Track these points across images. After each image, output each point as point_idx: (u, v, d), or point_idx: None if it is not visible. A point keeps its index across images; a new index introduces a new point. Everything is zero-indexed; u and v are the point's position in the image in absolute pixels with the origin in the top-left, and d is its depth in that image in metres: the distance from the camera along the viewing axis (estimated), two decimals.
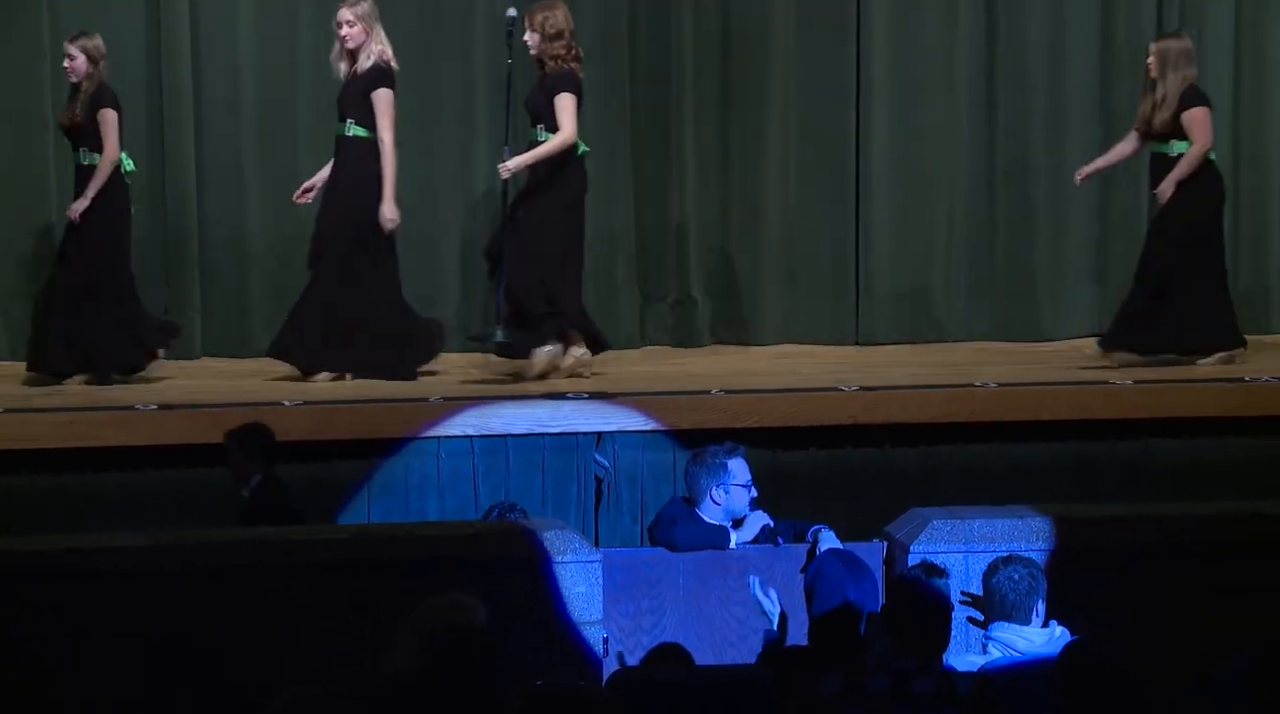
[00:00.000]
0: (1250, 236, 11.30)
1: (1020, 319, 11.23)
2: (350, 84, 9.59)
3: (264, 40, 10.75)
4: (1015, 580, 6.33)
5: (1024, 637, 6.29)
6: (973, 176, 11.15)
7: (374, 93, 9.51)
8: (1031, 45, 11.18)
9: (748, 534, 7.49)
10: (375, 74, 9.52)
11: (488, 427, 8.94)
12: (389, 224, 9.53)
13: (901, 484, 8.91)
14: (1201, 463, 9.30)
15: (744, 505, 7.51)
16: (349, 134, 9.57)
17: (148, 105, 10.49)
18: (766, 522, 7.51)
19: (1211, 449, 9.35)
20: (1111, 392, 9.54)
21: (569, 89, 9.45)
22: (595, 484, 8.97)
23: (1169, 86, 9.79)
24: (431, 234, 10.76)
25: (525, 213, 9.64)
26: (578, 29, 9.88)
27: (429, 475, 8.84)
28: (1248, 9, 11.32)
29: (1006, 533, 7.13)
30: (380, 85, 9.51)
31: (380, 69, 9.53)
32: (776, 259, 11.03)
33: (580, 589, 6.94)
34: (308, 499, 8.66)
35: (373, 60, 9.51)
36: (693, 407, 9.20)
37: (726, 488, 7.48)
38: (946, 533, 7.15)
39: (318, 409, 9.05)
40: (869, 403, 9.34)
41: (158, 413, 8.92)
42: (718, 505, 7.49)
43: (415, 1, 10.74)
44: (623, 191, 11.01)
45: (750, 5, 11.03)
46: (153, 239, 10.52)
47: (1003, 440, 9.30)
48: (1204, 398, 9.50)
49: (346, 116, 9.58)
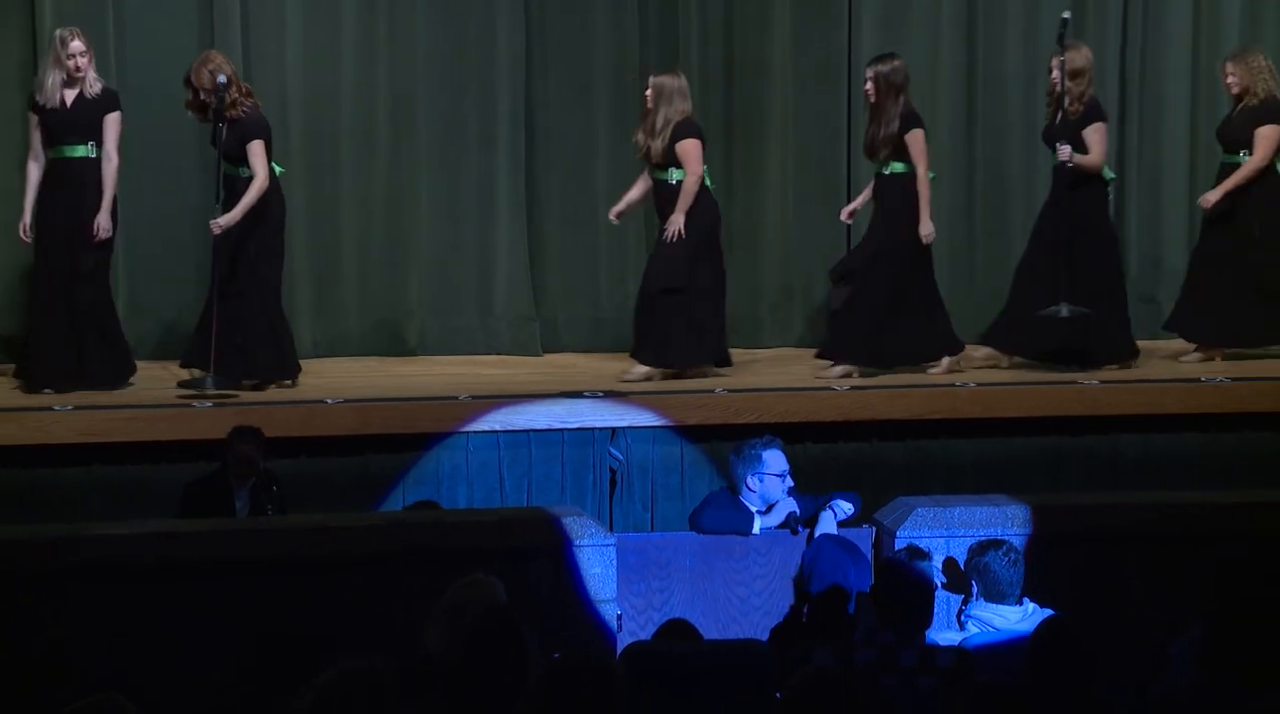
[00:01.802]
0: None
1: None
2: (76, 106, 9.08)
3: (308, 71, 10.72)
4: (996, 562, 6.37)
5: (1000, 614, 6.31)
6: (953, 195, 11.14)
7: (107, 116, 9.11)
8: (1009, 74, 11.16)
9: (775, 520, 7.48)
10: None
11: (512, 423, 8.93)
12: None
13: (888, 475, 8.90)
14: (1163, 456, 9.33)
15: (778, 493, 7.50)
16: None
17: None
18: (793, 509, 7.48)
19: (1172, 443, 9.37)
20: (1082, 391, 9.51)
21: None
22: (610, 475, 8.97)
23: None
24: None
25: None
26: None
27: (459, 468, 8.84)
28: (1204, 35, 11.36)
29: (984, 519, 7.13)
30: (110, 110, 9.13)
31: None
32: (775, 271, 11.05)
33: (596, 570, 6.95)
34: (349, 489, 8.72)
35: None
36: (698, 404, 9.19)
37: (761, 477, 7.50)
38: (929, 519, 7.16)
39: (358, 406, 9.02)
40: (859, 401, 9.33)
41: (211, 410, 8.94)
42: (753, 492, 7.51)
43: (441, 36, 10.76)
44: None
45: (750, 37, 10.98)
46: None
47: (981, 435, 9.30)
48: (1165, 397, 9.49)
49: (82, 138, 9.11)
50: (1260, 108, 9.91)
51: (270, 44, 10.50)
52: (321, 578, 6.75)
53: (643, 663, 5.75)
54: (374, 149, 10.60)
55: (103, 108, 9.14)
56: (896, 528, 7.15)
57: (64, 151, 9.13)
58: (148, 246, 10.37)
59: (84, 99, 9.10)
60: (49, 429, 8.71)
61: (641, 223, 10.64)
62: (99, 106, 9.13)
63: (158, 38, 10.37)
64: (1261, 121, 9.89)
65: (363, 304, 10.74)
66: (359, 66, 10.67)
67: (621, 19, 10.86)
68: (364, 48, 10.68)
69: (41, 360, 9.19)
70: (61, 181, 9.14)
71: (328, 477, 8.79)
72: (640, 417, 9.07)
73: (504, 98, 10.73)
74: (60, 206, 9.14)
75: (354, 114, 10.65)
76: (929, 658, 5.70)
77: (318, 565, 6.82)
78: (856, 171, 10.83)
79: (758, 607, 7.19)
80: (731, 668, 5.82)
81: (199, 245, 9.63)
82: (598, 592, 6.94)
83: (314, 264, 10.70)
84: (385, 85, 10.67)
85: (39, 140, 9.14)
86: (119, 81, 10.12)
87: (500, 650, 5.05)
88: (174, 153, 10.08)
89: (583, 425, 9.00)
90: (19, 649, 5.84)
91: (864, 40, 10.98)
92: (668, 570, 7.29)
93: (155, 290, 10.42)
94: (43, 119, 9.10)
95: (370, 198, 10.64)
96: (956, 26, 11.18)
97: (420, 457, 8.84)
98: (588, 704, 4.57)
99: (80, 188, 9.11)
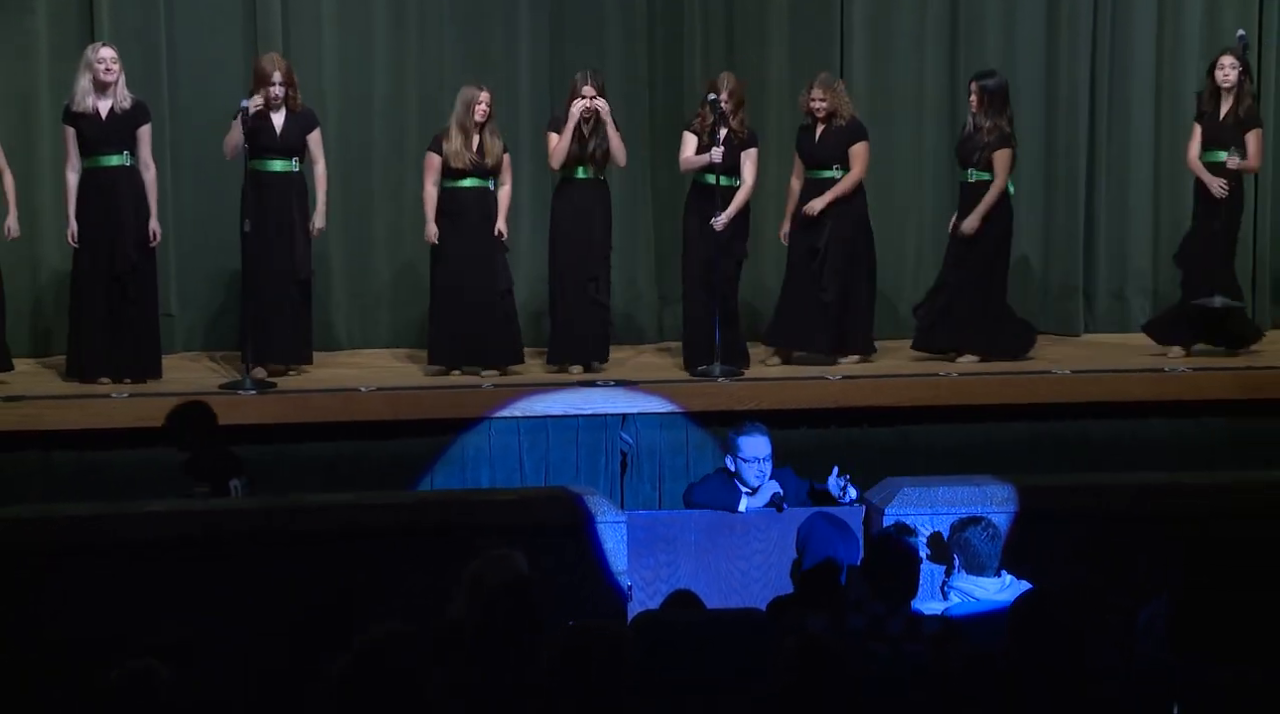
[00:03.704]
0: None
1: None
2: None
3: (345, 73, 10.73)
4: (976, 538, 6.37)
5: (980, 585, 6.30)
6: (935, 199, 11.14)
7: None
8: None
9: (760, 500, 7.47)
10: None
11: (531, 409, 8.95)
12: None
13: (878, 457, 8.89)
14: (1129, 440, 9.33)
15: (757, 477, 7.48)
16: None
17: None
18: (777, 490, 7.45)
19: (1137, 429, 9.37)
20: (1055, 380, 9.54)
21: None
22: (621, 457, 8.97)
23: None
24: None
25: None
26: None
27: (482, 451, 8.85)
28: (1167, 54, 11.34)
29: (966, 498, 7.13)
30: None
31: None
32: (774, 267, 11.05)
33: (609, 545, 6.95)
34: (383, 469, 8.71)
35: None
36: (701, 392, 9.20)
37: (738, 462, 7.51)
38: (916, 498, 7.16)
39: (389, 394, 9.04)
40: (851, 389, 9.35)
41: (255, 397, 8.96)
42: (733, 475, 7.54)
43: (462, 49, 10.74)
44: (643, 207, 11.02)
45: (750, 50, 10.99)
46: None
47: (963, 421, 9.31)
48: (1131, 386, 9.52)
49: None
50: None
51: (309, 56, 10.51)
52: (358, 552, 6.75)
53: (651, 630, 5.74)
54: (404, 153, 10.60)
55: (136, 120, 9.15)
56: (885, 506, 7.15)
57: (100, 161, 9.13)
58: (191, 246, 10.38)
59: (116, 112, 9.10)
60: (107, 414, 8.74)
61: (645, 224, 10.62)
62: (132, 119, 9.14)
63: (206, 51, 10.39)
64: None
65: (394, 299, 10.74)
66: (390, 77, 10.69)
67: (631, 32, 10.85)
68: (395, 60, 10.71)
69: (88, 353, 9.18)
70: (98, 189, 9.14)
71: (364, 457, 8.81)
72: (649, 404, 9.08)
73: (525, 105, 10.72)
74: (98, 212, 9.13)
75: (386, 120, 10.66)
76: (915, 626, 5.69)
77: (355, 540, 6.83)
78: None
79: (756, 579, 7.18)
80: (732, 635, 5.80)
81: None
82: (610, 564, 6.96)
83: (349, 261, 10.70)
84: (415, 94, 10.66)
85: (75, 151, 9.14)
86: (171, 91, 10.16)
87: (519, 618, 5.06)
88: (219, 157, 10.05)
89: (596, 412, 9.01)
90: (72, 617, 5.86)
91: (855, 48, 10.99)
92: (674, 545, 7.28)
93: (199, 287, 10.41)
94: (79, 131, 9.11)
95: (401, 198, 10.63)
96: (940, 44, 11.16)
97: (447, 441, 8.85)
98: (600, 667, 4.58)
99: (115, 193, 9.12)
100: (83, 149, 9.12)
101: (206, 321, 10.42)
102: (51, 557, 6.58)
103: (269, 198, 9.25)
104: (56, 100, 9.69)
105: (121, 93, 9.10)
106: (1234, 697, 4.19)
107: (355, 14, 10.64)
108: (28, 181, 9.92)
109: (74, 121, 9.11)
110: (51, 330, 10.11)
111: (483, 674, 4.92)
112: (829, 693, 4.63)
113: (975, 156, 9.76)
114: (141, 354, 9.21)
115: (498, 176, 9.53)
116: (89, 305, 9.16)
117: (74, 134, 9.11)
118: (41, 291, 10.24)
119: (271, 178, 9.29)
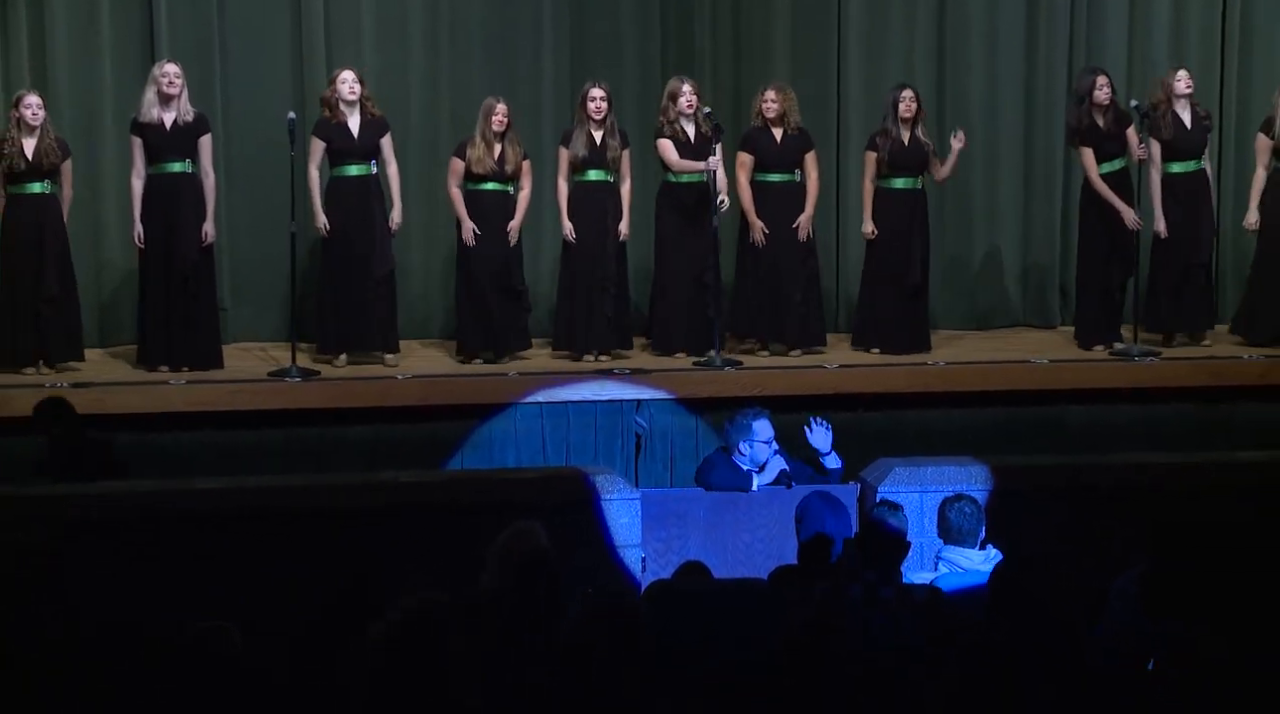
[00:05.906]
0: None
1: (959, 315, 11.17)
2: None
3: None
4: (962, 513, 6.34)
5: (966, 556, 6.28)
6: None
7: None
8: (973, 100, 11.09)
9: (768, 477, 7.49)
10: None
11: (553, 396, 8.94)
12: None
13: (872, 440, 8.87)
14: (1104, 424, 9.29)
15: (766, 455, 7.51)
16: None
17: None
18: (784, 467, 7.50)
19: (1111, 413, 9.35)
20: (1034, 369, 9.52)
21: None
22: (635, 440, 8.97)
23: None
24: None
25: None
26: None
27: (507, 434, 8.85)
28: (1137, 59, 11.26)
29: (953, 477, 7.15)
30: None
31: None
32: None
33: (624, 520, 6.99)
34: (417, 450, 8.70)
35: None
36: (709, 380, 9.19)
37: (751, 443, 7.50)
38: (906, 477, 7.18)
39: (424, 381, 9.03)
40: (846, 377, 9.35)
41: (301, 384, 8.93)
42: (744, 455, 7.51)
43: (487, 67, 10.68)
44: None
45: (754, 65, 10.91)
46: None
47: (950, 406, 9.29)
48: (1104, 374, 9.49)
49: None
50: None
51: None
52: (394, 526, 6.75)
53: (663, 598, 5.75)
54: (437, 160, 10.56)
55: (197, 131, 9.18)
56: (878, 484, 7.17)
57: (164, 168, 9.16)
58: (247, 247, 10.36)
59: (180, 123, 9.12)
60: (167, 399, 8.73)
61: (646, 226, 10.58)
62: (194, 130, 9.17)
63: (257, 68, 10.38)
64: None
65: (426, 294, 10.71)
66: (425, 91, 10.64)
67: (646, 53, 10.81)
68: (429, 75, 10.65)
69: (154, 343, 9.19)
70: (162, 193, 9.16)
71: (400, 440, 8.79)
72: (661, 391, 9.04)
73: (548, 116, 10.68)
74: (162, 214, 9.14)
75: (421, 130, 10.60)
76: (905, 594, 5.66)
77: (391, 515, 6.82)
78: (845, 183, 10.77)
79: (760, 551, 7.18)
80: (738, 602, 5.80)
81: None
82: (625, 538, 6.99)
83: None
84: (447, 107, 10.62)
85: (141, 158, 9.14)
86: (224, 104, 10.14)
87: (543, 585, 5.03)
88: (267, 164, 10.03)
89: (613, 398, 8.99)
90: (141, 583, 5.85)
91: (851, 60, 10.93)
92: (685, 521, 7.30)
93: (253, 283, 10.38)
94: (145, 139, 9.12)
95: (434, 202, 10.59)
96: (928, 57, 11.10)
97: (476, 424, 8.83)
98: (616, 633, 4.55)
99: (178, 198, 9.15)
100: (148, 157, 9.14)
101: (255, 315, 10.39)
102: (111, 529, 6.59)
103: (349, 200, 9.32)
104: (120, 112, 9.69)
105: (184, 106, 9.14)
106: (1202, 653, 4.19)
107: (392, 34, 10.60)
108: (93, 187, 9.93)
109: (140, 132, 9.14)
110: (116, 323, 10.09)
111: (510, 636, 4.89)
112: (831, 653, 4.60)
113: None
114: (203, 345, 9.21)
115: (517, 181, 9.53)
116: (154, 301, 9.19)
117: (140, 143, 9.13)
118: (104, 288, 10.23)
119: (349, 182, 9.34)
